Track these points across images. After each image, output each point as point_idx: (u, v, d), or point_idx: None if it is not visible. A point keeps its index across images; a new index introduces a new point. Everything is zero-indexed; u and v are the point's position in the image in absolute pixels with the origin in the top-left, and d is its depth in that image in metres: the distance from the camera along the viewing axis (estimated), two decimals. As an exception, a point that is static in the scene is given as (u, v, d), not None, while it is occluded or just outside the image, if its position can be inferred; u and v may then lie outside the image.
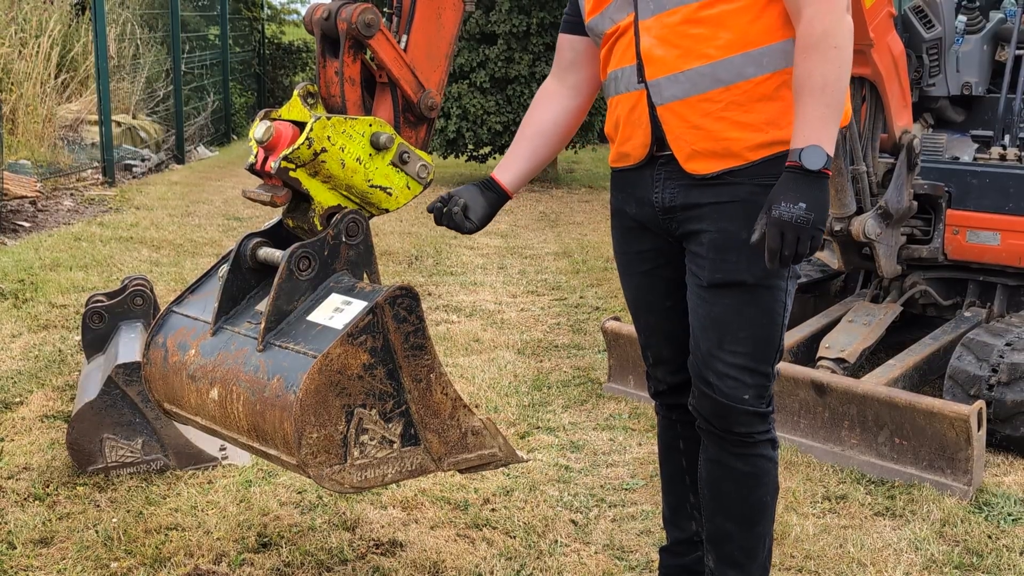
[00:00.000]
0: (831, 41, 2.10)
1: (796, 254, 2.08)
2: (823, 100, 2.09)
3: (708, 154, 2.24)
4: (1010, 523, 3.32)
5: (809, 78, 2.10)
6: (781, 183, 2.11)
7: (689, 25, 2.20)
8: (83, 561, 2.93)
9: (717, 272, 2.27)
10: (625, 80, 2.32)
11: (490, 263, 7.13)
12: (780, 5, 2.19)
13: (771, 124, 2.21)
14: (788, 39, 2.19)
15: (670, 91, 2.24)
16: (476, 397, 4.36)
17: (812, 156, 2.07)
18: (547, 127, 2.58)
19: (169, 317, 2.59)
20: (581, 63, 2.55)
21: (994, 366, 3.82)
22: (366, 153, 2.43)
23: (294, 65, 17.44)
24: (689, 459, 2.60)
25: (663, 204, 2.34)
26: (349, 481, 2.26)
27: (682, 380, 2.53)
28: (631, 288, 2.56)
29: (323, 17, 2.46)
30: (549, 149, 2.60)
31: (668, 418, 2.64)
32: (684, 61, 2.21)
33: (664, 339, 2.53)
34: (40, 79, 9.87)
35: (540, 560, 3.00)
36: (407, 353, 2.31)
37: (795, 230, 2.07)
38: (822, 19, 2.11)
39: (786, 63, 2.19)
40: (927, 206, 4.45)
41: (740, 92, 2.20)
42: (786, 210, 2.07)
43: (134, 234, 7.50)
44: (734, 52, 2.18)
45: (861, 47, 3.89)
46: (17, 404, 4.12)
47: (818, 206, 2.07)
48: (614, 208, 2.53)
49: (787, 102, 2.20)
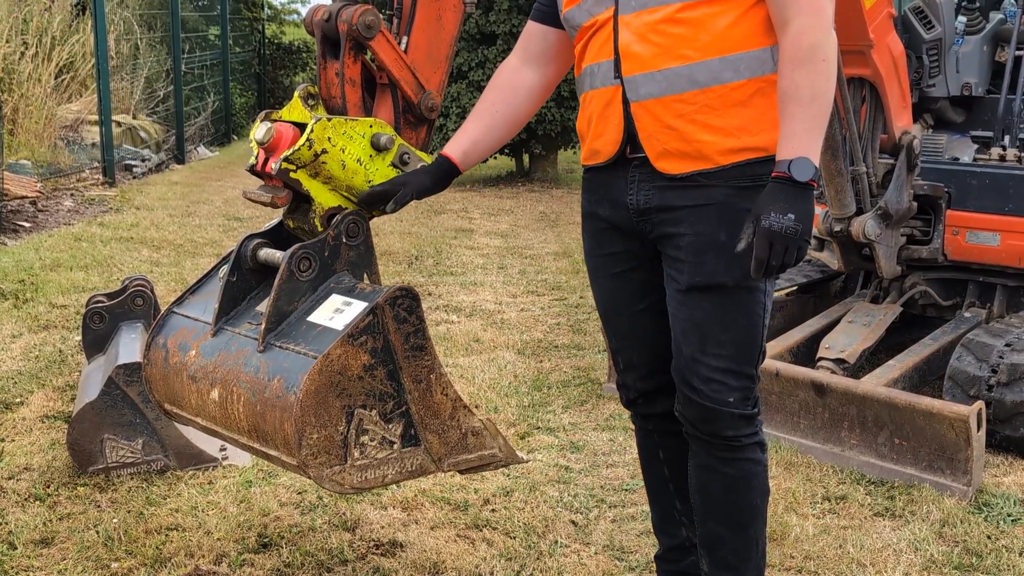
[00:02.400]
0: (819, 54, 2.11)
1: (782, 264, 2.10)
2: (811, 112, 2.10)
3: (679, 154, 2.24)
4: (1009, 524, 3.32)
5: (797, 90, 2.11)
6: (769, 193, 2.11)
7: (670, 24, 2.20)
8: (84, 561, 2.94)
9: (696, 275, 2.27)
10: (601, 75, 2.30)
11: (490, 263, 7.13)
12: (762, 12, 2.19)
13: (743, 130, 2.21)
14: (766, 47, 2.20)
15: (646, 88, 2.23)
16: (476, 397, 4.36)
17: (801, 168, 2.08)
18: (504, 107, 2.53)
19: (170, 318, 2.59)
20: (551, 55, 2.52)
21: (994, 367, 3.83)
22: (367, 154, 2.43)
23: (294, 65, 17.45)
24: (671, 467, 2.58)
25: (638, 206, 2.33)
26: (349, 482, 2.27)
27: (653, 386, 2.51)
28: (602, 291, 2.53)
29: (324, 18, 2.47)
30: (504, 129, 2.55)
31: (644, 428, 2.62)
32: (662, 60, 2.20)
33: (635, 343, 2.51)
34: (40, 79, 9.87)
35: (540, 561, 3.01)
36: (407, 354, 2.31)
37: (784, 240, 2.08)
38: (811, 33, 2.11)
39: (762, 71, 2.20)
40: (927, 207, 4.45)
41: (715, 96, 2.19)
42: (776, 221, 2.08)
43: (134, 234, 7.50)
44: (712, 55, 2.18)
45: (861, 48, 3.90)
46: (18, 404, 4.12)
47: (806, 217, 2.09)
48: (585, 211, 2.50)
49: (760, 109, 2.21)
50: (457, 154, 2.49)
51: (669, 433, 2.52)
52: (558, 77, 2.57)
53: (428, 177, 2.46)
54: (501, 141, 2.58)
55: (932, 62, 4.51)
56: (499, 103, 2.53)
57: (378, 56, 2.49)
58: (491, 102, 2.53)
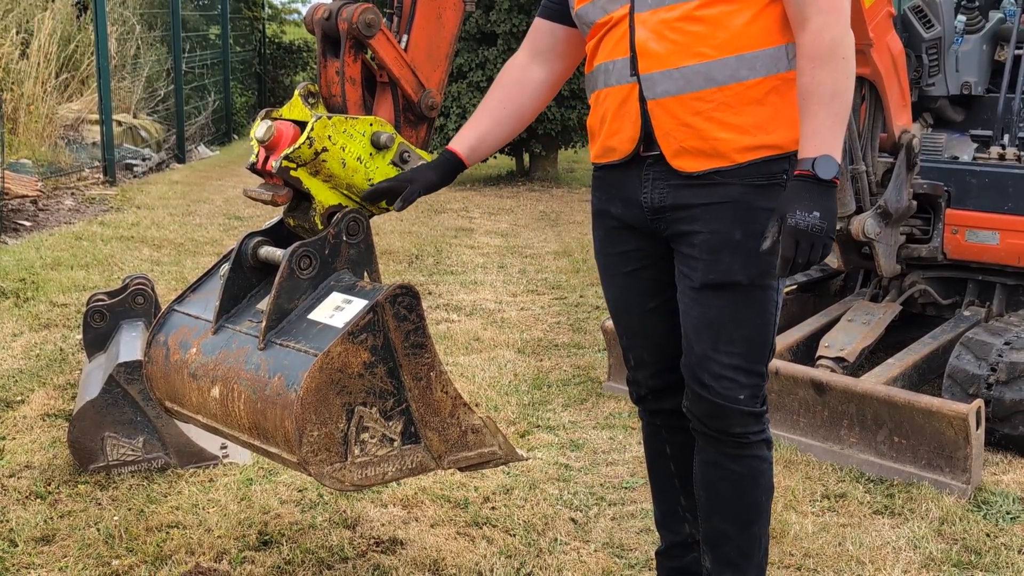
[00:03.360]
0: (840, 52, 2.12)
1: (808, 261, 2.10)
2: (832, 110, 2.11)
3: (696, 152, 2.24)
4: (1008, 521, 3.33)
5: (819, 88, 2.11)
6: (793, 191, 2.12)
7: (687, 22, 2.20)
8: (84, 559, 2.94)
9: (711, 273, 2.27)
10: (616, 73, 2.29)
11: (490, 262, 7.14)
12: (778, 9, 2.20)
13: (759, 128, 2.21)
14: (782, 45, 2.20)
15: (663, 86, 2.23)
16: (476, 396, 4.36)
17: (825, 166, 2.09)
18: (511, 104, 2.52)
19: (170, 316, 2.59)
20: (559, 52, 2.52)
21: (993, 365, 3.83)
22: (367, 152, 2.43)
23: (295, 64, 17.46)
24: (677, 463, 2.59)
25: (652, 204, 2.32)
26: (350, 479, 2.27)
27: (664, 384, 2.52)
28: (613, 289, 2.53)
29: (324, 17, 2.47)
30: (510, 125, 2.54)
31: (652, 424, 2.63)
32: (679, 58, 2.20)
33: (646, 341, 2.51)
34: (41, 78, 9.88)
35: (540, 558, 3.01)
36: (407, 351, 2.31)
37: (810, 238, 2.09)
38: (831, 30, 2.12)
39: (777, 68, 2.20)
40: (926, 205, 4.45)
41: (732, 94, 2.20)
42: (801, 219, 2.08)
43: (135, 233, 7.51)
44: (729, 53, 2.19)
45: (861, 47, 3.89)
46: (18, 403, 4.13)
47: (830, 215, 2.10)
48: (596, 209, 2.49)
49: (775, 108, 2.21)
50: (464, 149, 2.49)
51: (677, 429, 2.53)
52: (566, 74, 2.57)
53: (434, 173, 2.47)
54: (507, 137, 2.58)
55: (932, 61, 4.51)
56: (506, 100, 2.52)
57: (378, 54, 2.49)
58: (498, 98, 2.53)
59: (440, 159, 2.48)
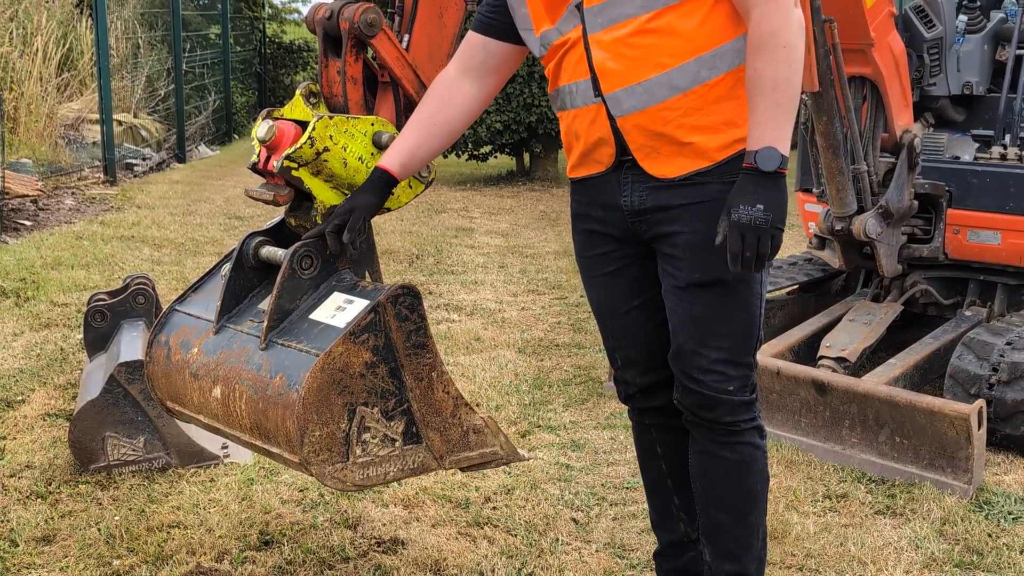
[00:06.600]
0: (779, 40, 2.10)
1: (758, 255, 2.10)
2: (774, 100, 2.10)
3: (674, 157, 2.25)
4: (1010, 522, 3.32)
5: (760, 79, 2.11)
6: (738, 186, 2.13)
7: (641, 36, 2.19)
8: (85, 559, 2.94)
9: (696, 272, 2.28)
10: (581, 95, 2.29)
11: (491, 262, 7.14)
12: (727, 5, 2.19)
13: (729, 124, 2.22)
14: (738, 37, 2.20)
15: (628, 103, 2.23)
16: (477, 396, 4.36)
17: (766, 158, 2.09)
18: (440, 118, 2.46)
19: (172, 315, 2.59)
20: (490, 67, 2.47)
21: (994, 365, 3.83)
22: (368, 152, 2.43)
23: (295, 64, 17.45)
24: (668, 462, 2.59)
25: (632, 207, 2.33)
26: (351, 479, 2.27)
27: (652, 381, 2.52)
28: (595, 291, 2.53)
29: (325, 16, 2.47)
30: (440, 140, 2.48)
31: (642, 423, 2.63)
32: (639, 72, 2.20)
33: (631, 340, 2.51)
34: (41, 78, 9.88)
35: (541, 558, 3.01)
36: (409, 351, 2.31)
37: (755, 232, 2.09)
38: (769, 19, 2.11)
39: (739, 61, 2.20)
40: (928, 205, 4.45)
41: (697, 96, 2.20)
42: (744, 213, 2.09)
43: (135, 233, 7.51)
44: (688, 58, 2.18)
45: (862, 46, 3.90)
46: (19, 403, 4.13)
47: (776, 206, 2.10)
48: (575, 212, 2.50)
49: (741, 100, 2.21)
50: (395, 166, 2.44)
51: (667, 428, 2.54)
52: (497, 88, 2.53)
53: (372, 195, 2.42)
54: (438, 150, 2.53)
55: (933, 61, 4.51)
56: (436, 114, 2.47)
57: (380, 54, 2.49)
58: (428, 113, 2.48)
59: (373, 178, 2.43)
